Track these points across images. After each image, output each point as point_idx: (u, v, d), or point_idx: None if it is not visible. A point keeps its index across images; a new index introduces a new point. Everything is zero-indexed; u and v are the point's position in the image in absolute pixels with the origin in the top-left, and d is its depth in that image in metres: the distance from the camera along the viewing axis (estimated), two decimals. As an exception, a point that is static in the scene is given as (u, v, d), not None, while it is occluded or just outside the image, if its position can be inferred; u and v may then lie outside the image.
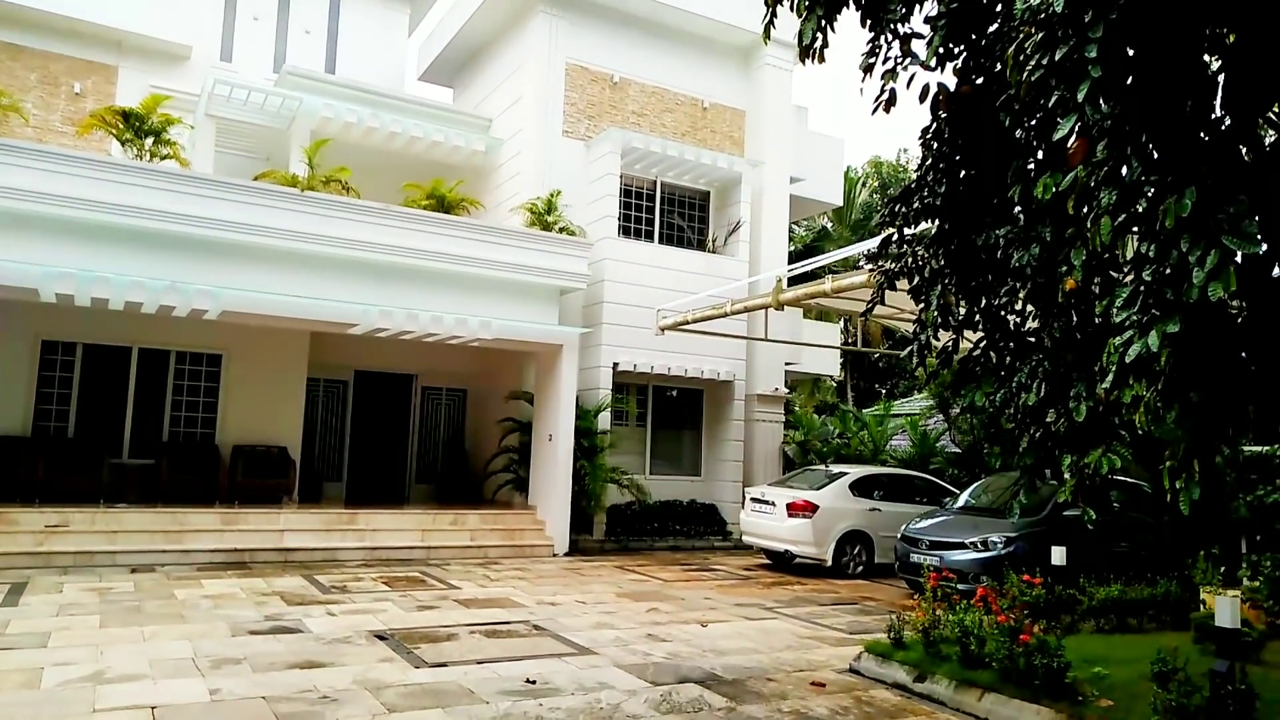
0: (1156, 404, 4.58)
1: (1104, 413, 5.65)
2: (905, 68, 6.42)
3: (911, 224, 6.81)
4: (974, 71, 6.36)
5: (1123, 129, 4.35)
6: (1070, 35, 4.25)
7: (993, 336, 6.50)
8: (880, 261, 7.04)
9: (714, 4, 17.01)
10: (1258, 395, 4.65)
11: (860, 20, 6.85)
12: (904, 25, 6.48)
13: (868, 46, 6.91)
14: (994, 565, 9.42)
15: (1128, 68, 4.33)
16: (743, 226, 16.74)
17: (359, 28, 19.30)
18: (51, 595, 8.60)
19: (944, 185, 6.48)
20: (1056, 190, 4.90)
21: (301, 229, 12.01)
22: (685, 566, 13.02)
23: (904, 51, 6.49)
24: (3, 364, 12.34)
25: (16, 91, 15.05)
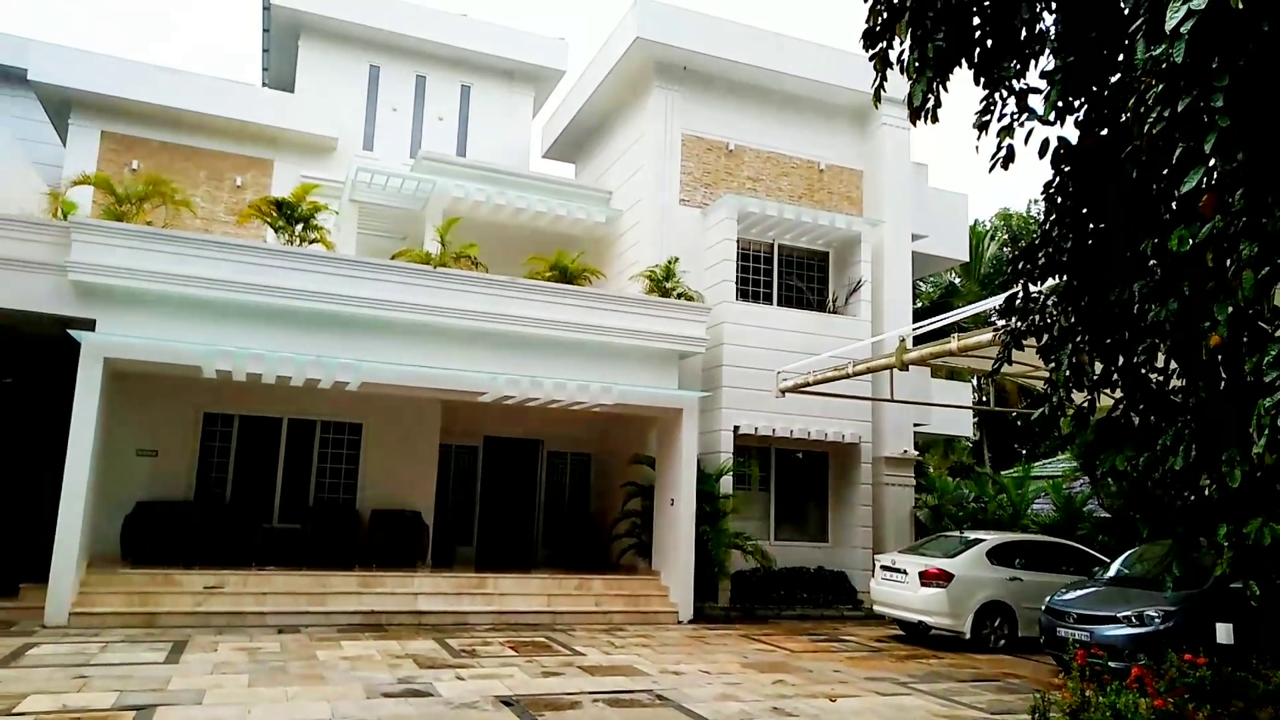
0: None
1: (1262, 479, 5.24)
2: (1022, 123, 6.31)
3: (1037, 281, 6.59)
4: (1096, 124, 6.18)
5: (1258, 179, 4.13)
6: (1193, 86, 4.09)
7: (1132, 396, 6.16)
8: (1006, 319, 6.83)
9: (827, 68, 17.14)
10: None
11: (973, 79, 6.79)
12: (1019, 81, 6.39)
13: (981, 104, 6.82)
14: (1151, 642, 8.72)
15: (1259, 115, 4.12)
16: (864, 286, 16.53)
17: (487, 112, 20.46)
18: (207, 654, 9.16)
19: (1070, 240, 6.27)
20: (1193, 242, 4.67)
21: (434, 303, 12.67)
22: (813, 636, 12.63)
23: (1020, 107, 6.38)
24: (171, 435, 13.44)
25: (188, 187, 16.67)
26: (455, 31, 19.94)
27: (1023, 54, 6.31)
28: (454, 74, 20.25)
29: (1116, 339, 6.07)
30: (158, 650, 9.16)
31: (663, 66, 16.65)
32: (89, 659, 8.56)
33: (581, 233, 17.65)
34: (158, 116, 17.00)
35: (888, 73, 7.33)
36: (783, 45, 17.16)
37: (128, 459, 12.85)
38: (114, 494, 12.20)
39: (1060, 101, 6.06)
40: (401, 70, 19.79)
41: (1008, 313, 6.77)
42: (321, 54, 19.18)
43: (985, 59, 6.58)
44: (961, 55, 6.73)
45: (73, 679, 7.69)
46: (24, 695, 7.03)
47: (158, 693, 7.35)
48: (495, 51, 20.20)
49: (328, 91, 18.82)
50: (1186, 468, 5.56)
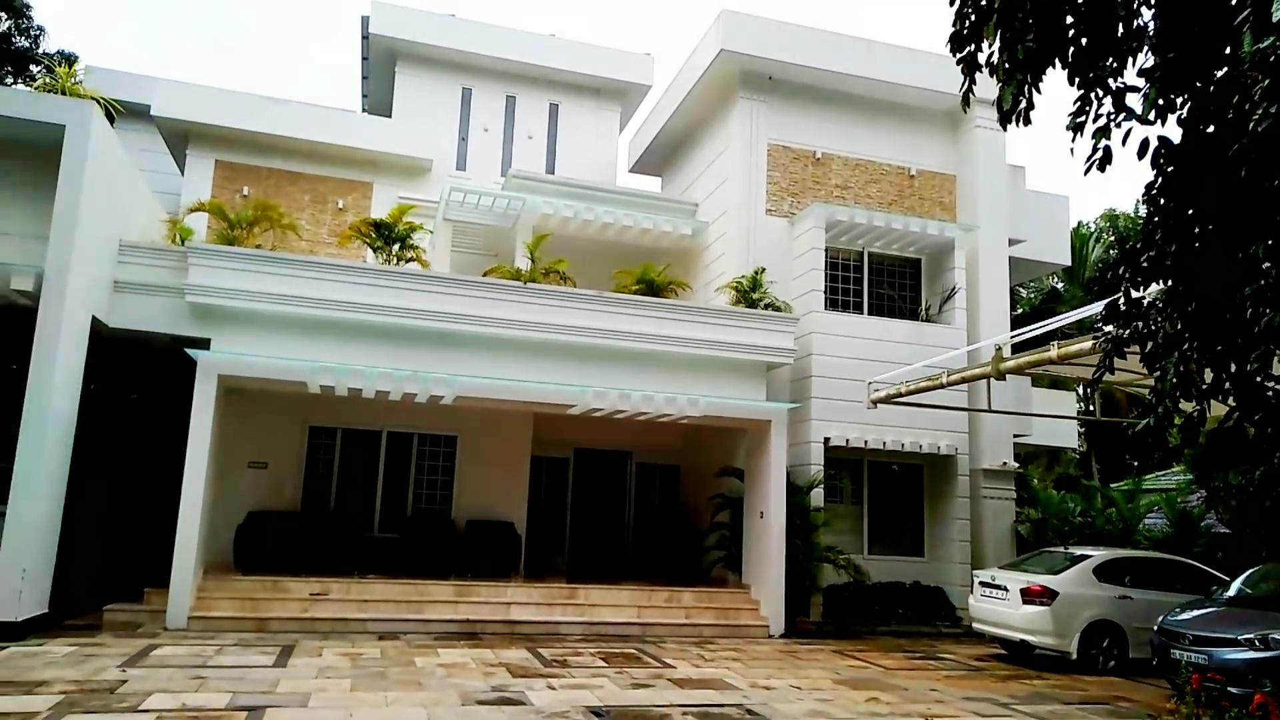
0: None
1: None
2: (1119, 124, 6.09)
3: (1140, 285, 6.34)
4: (1200, 122, 5.92)
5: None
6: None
7: (1246, 406, 5.85)
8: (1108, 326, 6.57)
9: (917, 72, 16.82)
10: None
11: (1067, 79, 6.59)
12: (1116, 80, 6.17)
13: (1075, 105, 6.61)
14: (1276, 667, 8.19)
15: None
16: (958, 293, 16.10)
17: (575, 129, 20.85)
18: (313, 658, 9.56)
19: (1174, 243, 6.01)
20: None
21: (524, 318, 12.96)
22: (909, 654, 12.32)
23: (1117, 107, 6.16)
24: (279, 448, 14.12)
25: (294, 211, 17.53)
26: (544, 52, 20.41)
27: (1119, 51, 6.09)
28: (543, 93, 20.72)
29: (1227, 345, 5.78)
30: (267, 654, 9.61)
31: (748, 77, 16.64)
32: (205, 661, 9.05)
33: (668, 245, 17.75)
34: (266, 145, 17.94)
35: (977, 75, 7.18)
36: (871, 50, 16.92)
37: (240, 471, 13.56)
38: (227, 504, 12.90)
39: (1160, 100, 5.83)
40: (492, 91, 20.36)
41: (1110, 319, 6.53)
42: (417, 79, 19.92)
43: (1080, 58, 6.38)
44: (1054, 55, 6.54)
45: (191, 679, 8.15)
46: (149, 693, 7.49)
47: (267, 695, 7.72)
48: (583, 69, 20.59)
49: (423, 114, 19.52)
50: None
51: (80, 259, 10.44)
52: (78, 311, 10.57)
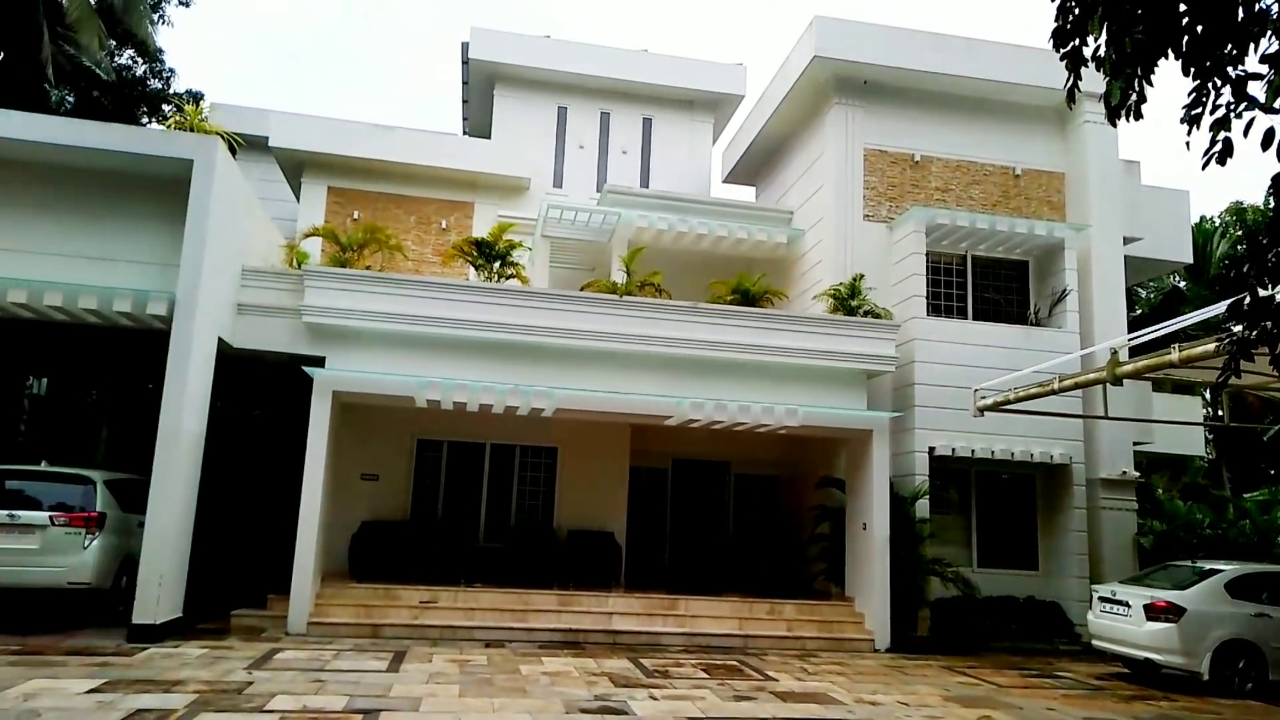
0: None
1: None
2: (1239, 114, 5.79)
3: (1269, 284, 5.99)
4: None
5: None
6: None
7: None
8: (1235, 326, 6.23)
9: (1020, 69, 16.27)
10: None
11: (1181, 69, 6.31)
12: (1235, 68, 5.87)
13: (1190, 97, 6.32)
14: None
15: None
16: (1069, 295, 15.45)
17: (669, 142, 21.02)
18: (423, 664, 9.89)
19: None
20: None
21: (620, 331, 13.12)
22: (1023, 671, 11.84)
23: (1237, 96, 5.87)
24: (390, 460, 14.68)
25: (400, 232, 18.22)
26: (637, 67, 20.68)
27: (1239, 38, 5.80)
28: (636, 108, 20.97)
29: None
30: (381, 659, 9.99)
31: (842, 82, 16.44)
32: (324, 665, 9.48)
33: (763, 255, 17.67)
34: (374, 170, 18.74)
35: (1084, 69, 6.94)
36: (970, 49, 16.48)
37: (353, 482, 14.16)
38: (342, 515, 13.48)
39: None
40: (587, 109, 20.73)
41: (1235, 319, 6.19)
42: (515, 100, 20.48)
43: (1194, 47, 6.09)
44: (1166, 45, 6.27)
45: (311, 682, 8.55)
46: (273, 694, 7.90)
47: (381, 699, 8.02)
48: (675, 83, 20.75)
49: (521, 134, 20.04)
50: None
51: (208, 284, 11.14)
52: (206, 333, 11.27)
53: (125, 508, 11.28)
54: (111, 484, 11.33)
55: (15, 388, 14.94)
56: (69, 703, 7.22)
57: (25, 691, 7.49)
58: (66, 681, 7.94)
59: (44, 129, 11.17)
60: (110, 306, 10.88)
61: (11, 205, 11.32)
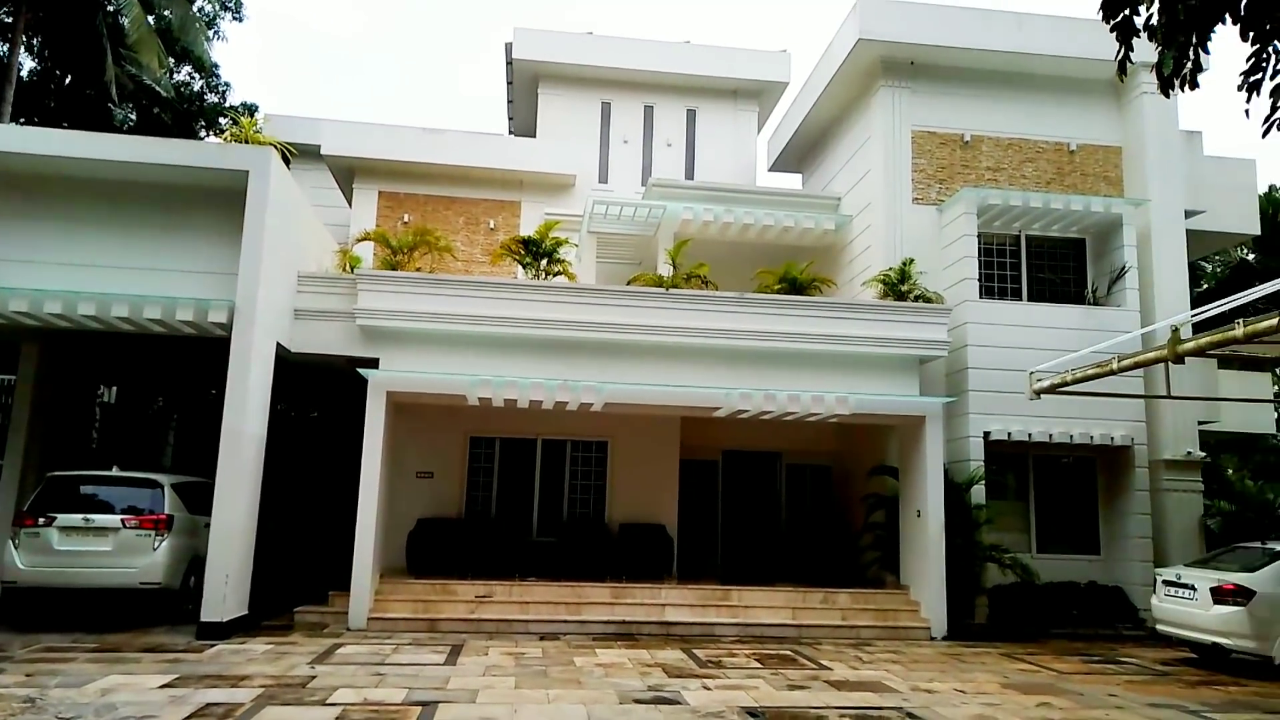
0: None
1: None
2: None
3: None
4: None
5: None
6: None
7: None
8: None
9: (1071, 42, 15.82)
10: None
11: (1240, 34, 6.13)
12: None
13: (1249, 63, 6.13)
14: None
15: None
16: (1129, 272, 15.01)
17: (713, 133, 20.96)
18: (480, 657, 10.07)
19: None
20: None
21: (668, 323, 13.14)
22: (1085, 657, 11.59)
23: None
24: (444, 458, 14.94)
25: (449, 233, 18.51)
26: (679, 59, 20.66)
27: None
28: (679, 100, 20.95)
29: None
30: (438, 653, 10.21)
31: (888, 64, 16.19)
32: (384, 659, 9.72)
33: (810, 242, 17.52)
34: (423, 173, 19.06)
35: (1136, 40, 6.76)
36: (1021, 24, 16.08)
37: (409, 480, 14.44)
38: (399, 512, 13.77)
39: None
40: (630, 103, 20.77)
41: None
42: (559, 97, 20.62)
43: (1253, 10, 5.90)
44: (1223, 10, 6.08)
45: (371, 676, 8.78)
46: (335, 688, 8.14)
47: (439, 691, 8.21)
48: (718, 73, 20.68)
49: (565, 131, 20.19)
50: None
51: (266, 291, 11.47)
52: (265, 339, 11.61)
53: (192, 509, 11.70)
54: (178, 487, 11.75)
55: (87, 397, 15.56)
56: (143, 697, 7.54)
57: (103, 687, 7.84)
58: (141, 677, 8.29)
59: (107, 147, 11.60)
60: (174, 316, 11.25)
61: (79, 221, 11.78)
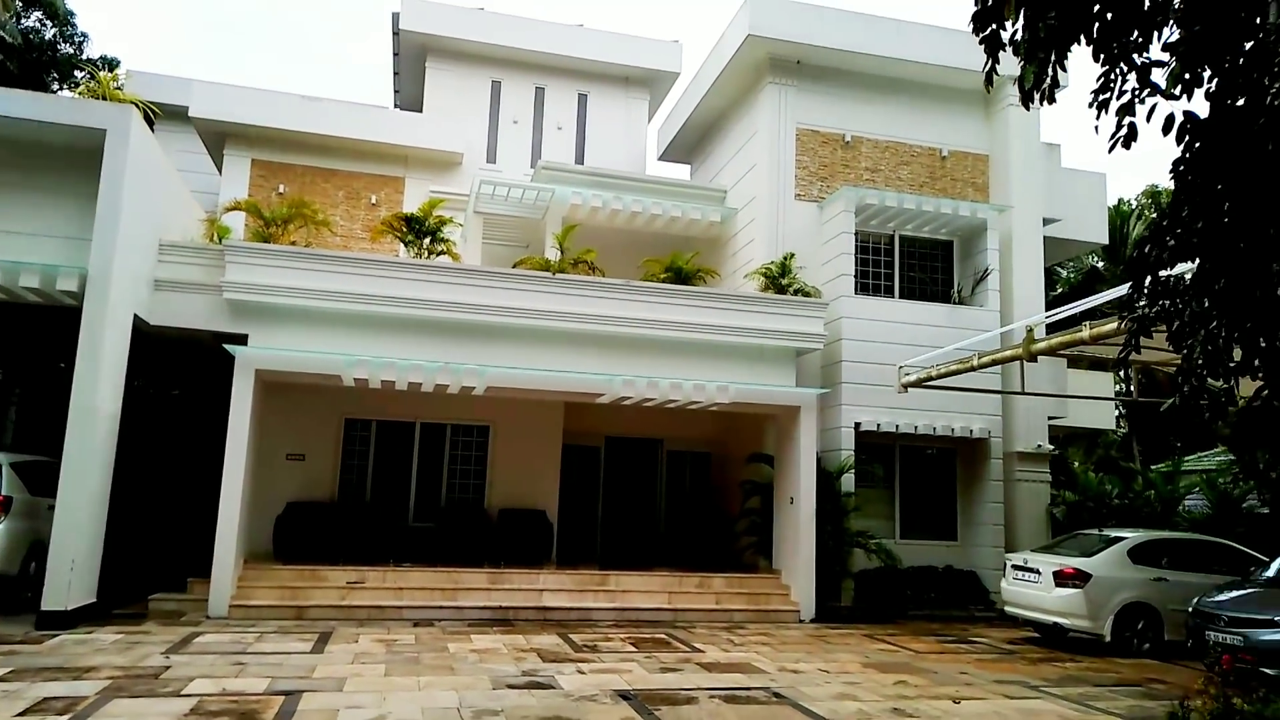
0: None
1: None
2: (1143, 99, 6.00)
3: (1167, 265, 6.26)
4: (1228, 95, 5.82)
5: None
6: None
7: (1275, 384, 5.77)
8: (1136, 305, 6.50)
9: (947, 52, 16.56)
10: None
11: (1092, 55, 6.51)
12: (1141, 55, 6.08)
13: (1099, 81, 6.52)
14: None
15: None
16: (991, 274, 15.90)
17: (604, 118, 20.90)
18: (349, 645, 9.79)
19: (1202, 220, 5.92)
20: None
21: (554, 308, 13.06)
22: (940, 638, 12.27)
23: (1142, 82, 6.07)
24: (316, 440, 14.40)
25: (328, 207, 17.82)
26: (572, 42, 20.48)
27: (1145, 25, 6.00)
28: (571, 83, 20.79)
29: (1256, 322, 5.69)
30: (305, 641, 9.87)
31: (775, 62, 16.53)
32: (246, 647, 9.32)
33: (697, 233, 17.74)
34: (301, 143, 18.23)
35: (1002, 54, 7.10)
36: (901, 30, 16.71)
37: (278, 463, 13.86)
38: (266, 496, 13.20)
39: (1186, 74, 5.73)
40: (521, 83, 20.48)
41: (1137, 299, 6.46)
42: (447, 73, 20.10)
43: (1104, 34, 6.29)
44: (1078, 31, 6.45)
45: (231, 665, 8.41)
46: (191, 679, 7.75)
47: (304, 680, 7.94)
48: (611, 59, 20.62)
49: (453, 108, 19.71)
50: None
51: (122, 259, 10.74)
52: (120, 310, 10.88)
53: (34, 490, 10.89)
54: (19, 466, 10.92)
55: (-86, 366, 14.23)
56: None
57: (-75, 681, 7.22)
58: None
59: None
60: (17, 282, 10.42)
61: (-95, 174, 10.73)
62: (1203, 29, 5.68)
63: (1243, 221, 5.76)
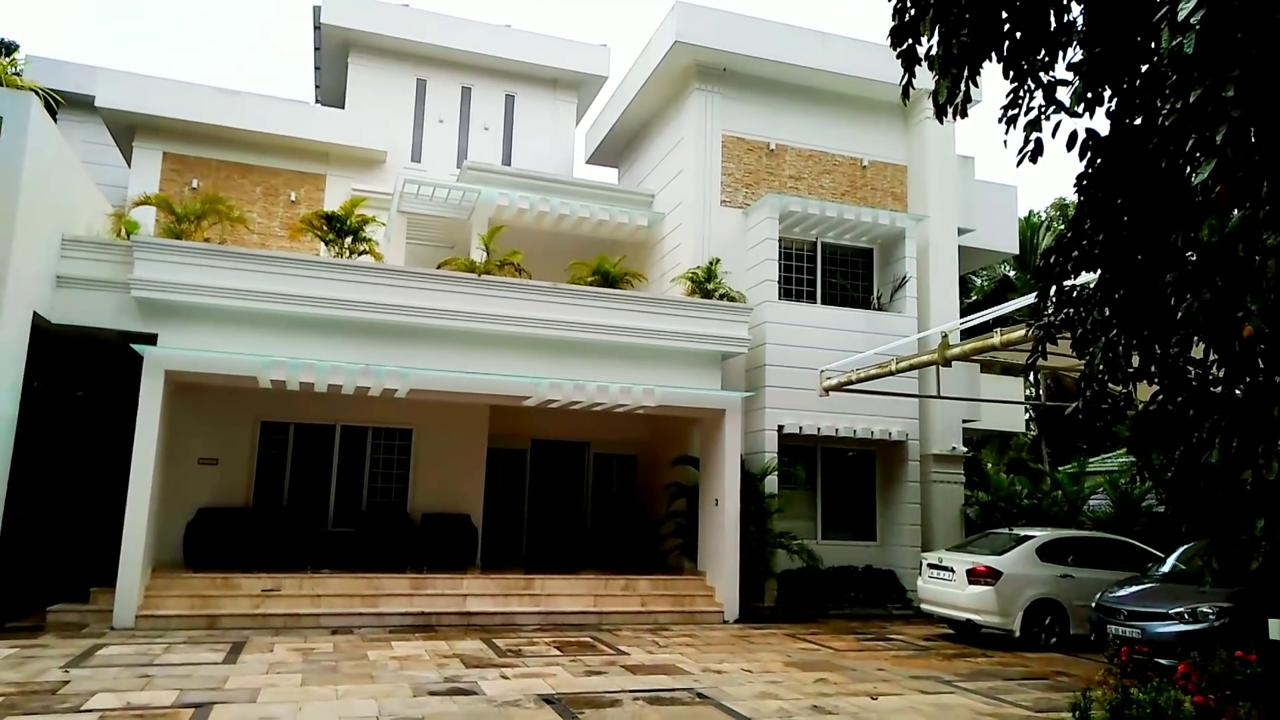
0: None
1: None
2: (1049, 116, 6.25)
3: (1071, 275, 6.53)
4: (1127, 114, 6.11)
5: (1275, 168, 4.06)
6: (1205, 77, 4.04)
7: (1169, 389, 6.08)
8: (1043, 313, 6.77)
9: (869, 64, 16.98)
10: None
11: (1002, 72, 6.75)
12: (1047, 74, 6.34)
13: (1008, 98, 6.77)
14: (1204, 639, 8.51)
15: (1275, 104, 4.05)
16: (909, 282, 16.36)
17: (532, 121, 20.79)
18: (264, 654, 9.51)
19: (1103, 232, 6.21)
20: (1224, 233, 4.61)
21: (479, 310, 12.93)
22: (860, 636, 12.56)
23: (1048, 100, 6.33)
24: (231, 443, 13.93)
25: (245, 204, 17.29)
26: (499, 42, 20.30)
27: (1051, 45, 6.26)
28: (499, 84, 20.62)
29: (1152, 330, 5.99)
30: (217, 651, 9.54)
31: (702, 69, 16.71)
32: (152, 659, 8.96)
33: (624, 237, 17.79)
34: (216, 136, 17.65)
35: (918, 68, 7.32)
36: (825, 42, 17.08)
37: (190, 467, 13.37)
38: (177, 501, 12.72)
39: (1089, 93, 6.00)
40: (447, 82, 20.21)
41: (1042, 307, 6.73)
42: (370, 69, 19.70)
43: (1013, 52, 6.54)
44: (990, 49, 6.69)
45: (137, 678, 8.07)
46: (92, 693, 7.41)
47: (215, 691, 7.67)
48: (539, 60, 20.51)
49: (377, 105, 19.33)
50: (1224, 461, 5.47)
51: (20, 254, 10.23)
52: (18, 307, 10.36)
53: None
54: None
55: None
56: None
57: None
58: None
59: None
60: (-99, 276, 9.82)
61: None
62: (1104, 51, 5.96)
63: (1140, 234, 6.06)
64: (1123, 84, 5.97)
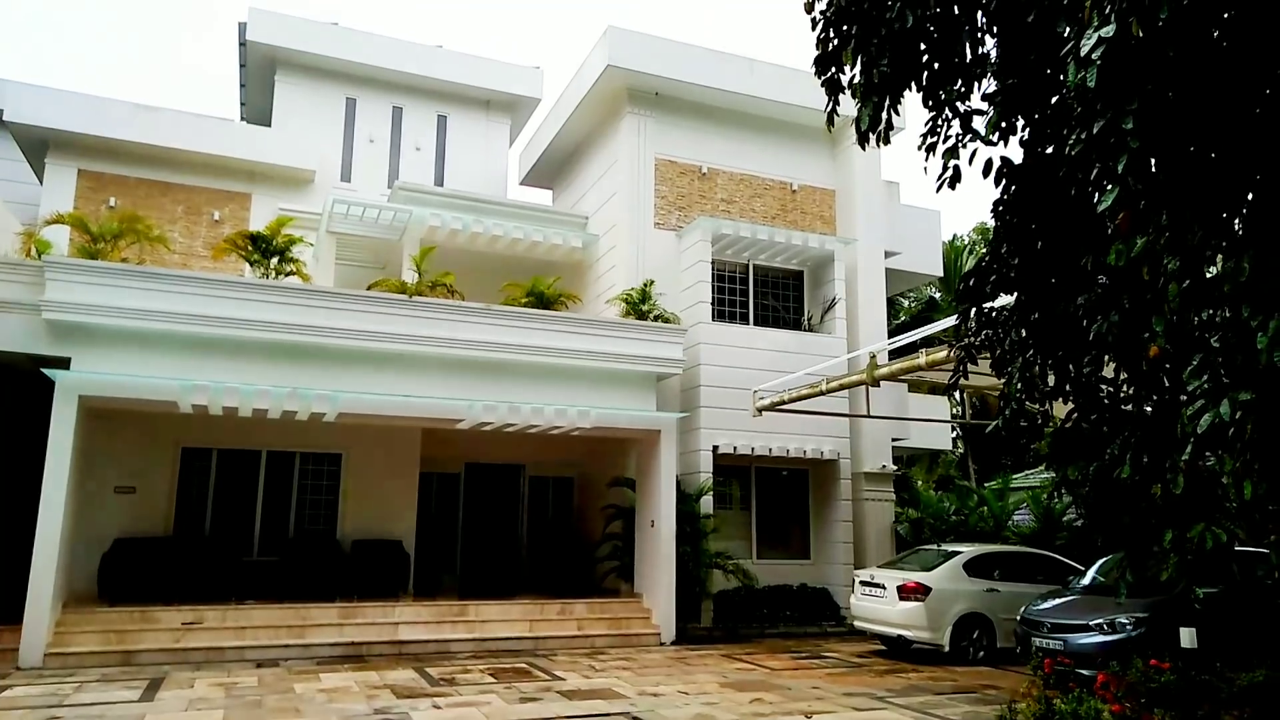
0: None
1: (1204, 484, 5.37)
2: (965, 144, 6.47)
3: (990, 297, 6.75)
4: (1039, 143, 6.36)
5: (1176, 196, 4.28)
6: (1107, 109, 4.25)
7: (1083, 407, 6.31)
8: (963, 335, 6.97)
9: (797, 90, 17.34)
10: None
11: (922, 101, 6.97)
12: (963, 103, 6.57)
13: (927, 126, 6.99)
14: (1123, 649, 8.80)
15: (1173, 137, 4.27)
16: (838, 304, 16.70)
17: (464, 141, 20.68)
18: (183, 690, 9.13)
19: (1018, 257, 6.43)
20: (1130, 257, 4.81)
21: (411, 332, 12.74)
22: (795, 654, 12.66)
23: (964, 128, 6.55)
24: (149, 471, 13.40)
25: (165, 222, 16.79)
26: (431, 63, 20.19)
27: (966, 76, 6.49)
28: (430, 104, 20.49)
29: (1066, 351, 6.22)
30: (133, 689, 9.12)
31: (634, 93, 16.88)
32: (62, 700, 8.53)
33: (558, 258, 17.78)
34: (135, 153, 17.14)
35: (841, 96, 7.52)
36: (753, 69, 17.42)
37: (105, 496, 12.82)
38: (91, 532, 12.18)
39: (1003, 122, 6.24)
40: (378, 102, 20.00)
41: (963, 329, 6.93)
42: (298, 87, 19.39)
43: (931, 82, 6.76)
44: (910, 79, 6.91)
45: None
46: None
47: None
48: (471, 81, 20.45)
49: (305, 124, 19.01)
50: (1133, 476, 5.69)
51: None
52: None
53: None
54: None
55: None
56: None
57: None
58: None
59: None
60: None
61: None
62: (1016, 83, 6.21)
63: (1053, 258, 6.30)
64: (1034, 114, 6.22)
